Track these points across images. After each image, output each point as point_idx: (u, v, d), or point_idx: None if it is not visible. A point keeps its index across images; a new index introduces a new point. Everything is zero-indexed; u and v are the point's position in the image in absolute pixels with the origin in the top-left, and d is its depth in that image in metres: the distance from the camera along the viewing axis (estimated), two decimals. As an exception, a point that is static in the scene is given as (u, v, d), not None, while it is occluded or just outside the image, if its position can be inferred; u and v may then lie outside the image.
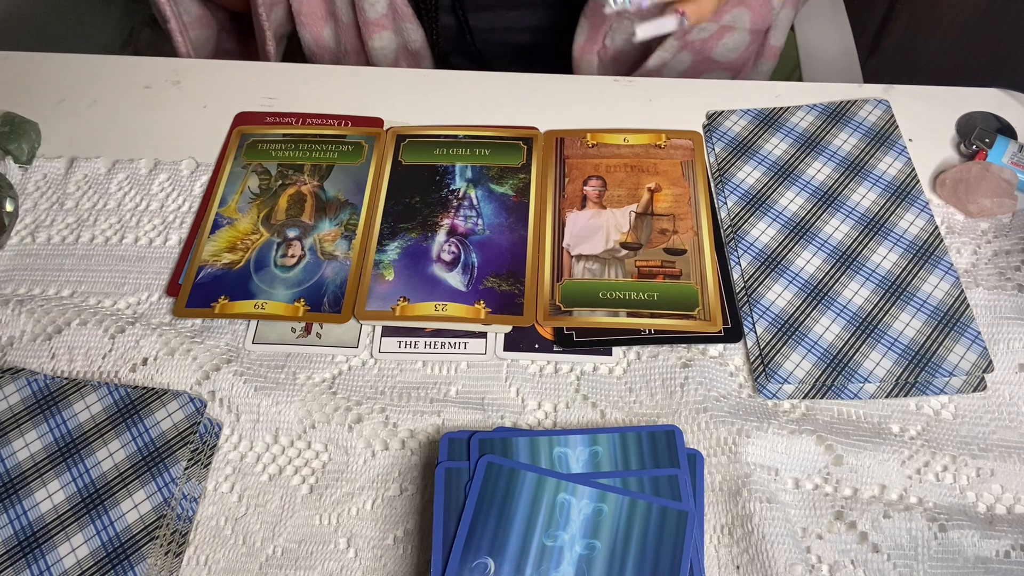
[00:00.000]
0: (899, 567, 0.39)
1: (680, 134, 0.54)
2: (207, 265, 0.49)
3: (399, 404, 0.44)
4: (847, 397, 0.44)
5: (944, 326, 0.46)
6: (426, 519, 0.41)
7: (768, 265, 0.49)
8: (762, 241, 0.50)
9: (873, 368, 0.44)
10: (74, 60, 0.61)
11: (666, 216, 0.50)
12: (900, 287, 0.47)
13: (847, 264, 0.48)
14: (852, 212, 0.51)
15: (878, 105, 0.56)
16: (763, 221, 0.50)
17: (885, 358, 0.45)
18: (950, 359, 0.44)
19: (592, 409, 0.44)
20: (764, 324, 0.46)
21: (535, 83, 0.59)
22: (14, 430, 0.41)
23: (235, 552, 0.40)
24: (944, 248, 0.49)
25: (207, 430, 0.43)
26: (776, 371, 0.44)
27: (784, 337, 0.46)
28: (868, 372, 0.44)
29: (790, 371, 0.44)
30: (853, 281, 0.48)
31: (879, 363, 0.44)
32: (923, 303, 0.47)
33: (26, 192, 0.53)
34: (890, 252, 0.49)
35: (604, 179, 0.52)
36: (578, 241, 0.49)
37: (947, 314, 0.46)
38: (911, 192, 0.51)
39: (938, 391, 0.44)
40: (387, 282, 0.47)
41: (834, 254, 0.49)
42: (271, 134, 0.55)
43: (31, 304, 0.47)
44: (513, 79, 0.59)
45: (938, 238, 0.49)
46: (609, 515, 0.37)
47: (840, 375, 0.44)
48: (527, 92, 0.58)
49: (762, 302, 0.47)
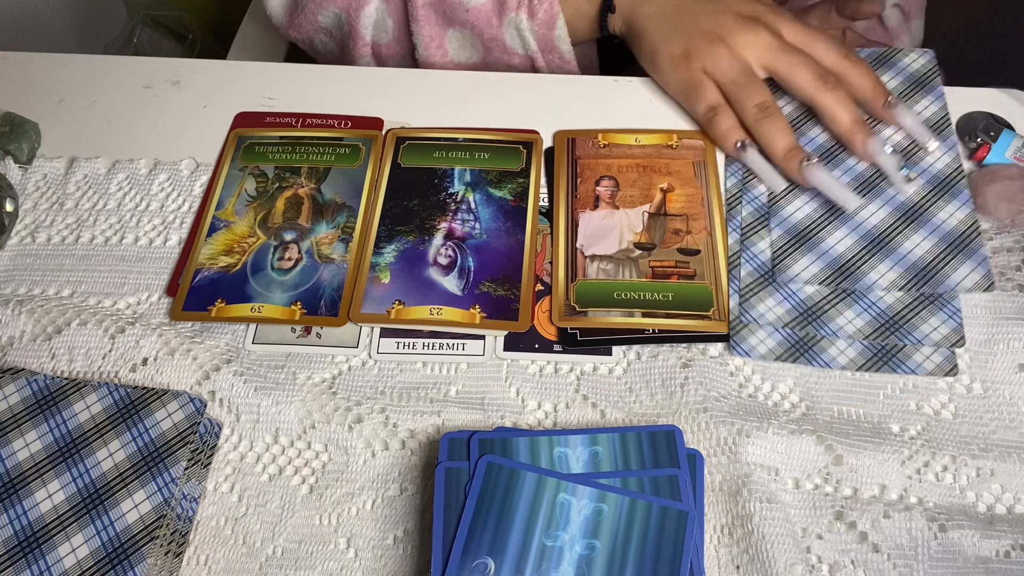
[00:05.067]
0: (899, 567, 0.39)
1: (691, 135, 0.54)
2: (204, 268, 0.49)
3: (399, 404, 0.44)
4: (819, 364, 0.44)
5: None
6: (426, 519, 0.41)
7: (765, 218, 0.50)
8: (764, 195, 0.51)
9: (845, 325, 0.45)
10: (74, 60, 0.61)
11: (679, 216, 0.50)
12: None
13: (835, 214, 0.49)
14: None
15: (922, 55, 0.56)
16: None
17: (859, 317, 0.45)
18: (923, 328, 0.45)
19: (592, 409, 0.44)
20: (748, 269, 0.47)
21: (535, 83, 0.59)
22: (14, 430, 0.41)
23: (235, 552, 0.40)
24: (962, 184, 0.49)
25: (207, 430, 0.43)
26: (749, 311, 0.45)
27: (764, 283, 0.47)
28: (838, 327, 0.45)
29: (762, 312, 0.45)
30: (839, 231, 0.48)
31: (852, 321, 0.45)
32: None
33: (26, 192, 0.53)
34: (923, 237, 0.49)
35: (616, 179, 0.52)
36: (592, 241, 0.49)
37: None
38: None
39: (909, 371, 0.44)
40: (383, 285, 0.47)
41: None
42: (268, 136, 0.55)
43: (31, 304, 0.47)
44: (513, 79, 0.59)
45: (960, 173, 0.50)
46: (609, 515, 0.37)
47: (811, 325, 0.45)
48: (527, 92, 0.58)
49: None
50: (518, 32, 0.61)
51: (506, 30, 0.61)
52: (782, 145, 0.50)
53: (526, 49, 0.62)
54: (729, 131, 0.52)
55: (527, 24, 0.60)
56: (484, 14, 0.61)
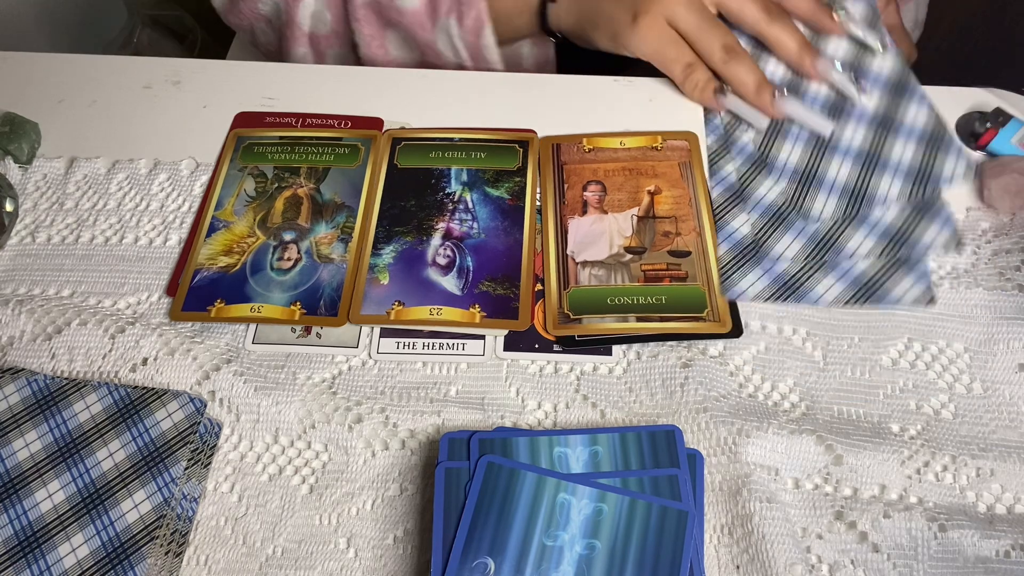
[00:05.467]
0: (899, 567, 0.39)
1: (676, 135, 0.54)
2: (203, 269, 0.49)
3: (399, 404, 0.44)
4: (808, 303, 0.46)
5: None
6: (426, 519, 0.41)
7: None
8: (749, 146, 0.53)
9: (824, 293, 0.47)
10: (74, 60, 0.61)
11: (668, 218, 0.50)
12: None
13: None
14: None
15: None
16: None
17: (837, 283, 0.47)
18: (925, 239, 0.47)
19: (592, 409, 0.44)
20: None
21: (535, 83, 0.59)
22: (14, 430, 0.41)
23: (235, 552, 0.40)
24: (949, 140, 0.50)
25: (207, 430, 0.43)
26: (727, 230, 0.48)
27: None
28: (818, 296, 0.46)
29: (743, 288, 0.47)
30: (816, 200, 0.50)
31: (830, 288, 0.47)
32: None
33: (26, 192, 0.53)
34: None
35: (603, 183, 0.52)
36: (582, 247, 0.49)
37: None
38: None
39: (892, 304, 0.46)
40: (382, 286, 0.47)
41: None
42: (267, 137, 0.55)
43: (31, 304, 0.47)
44: (514, 79, 0.59)
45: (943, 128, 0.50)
46: (609, 515, 0.37)
47: (792, 295, 0.47)
48: (528, 92, 0.58)
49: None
50: (448, 38, 0.62)
51: (438, 35, 0.62)
52: (752, 82, 0.53)
53: (456, 55, 0.63)
54: (707, 83, 0.55)
55: (456, 31, 0.61)
56: (418, 17, 0.61)
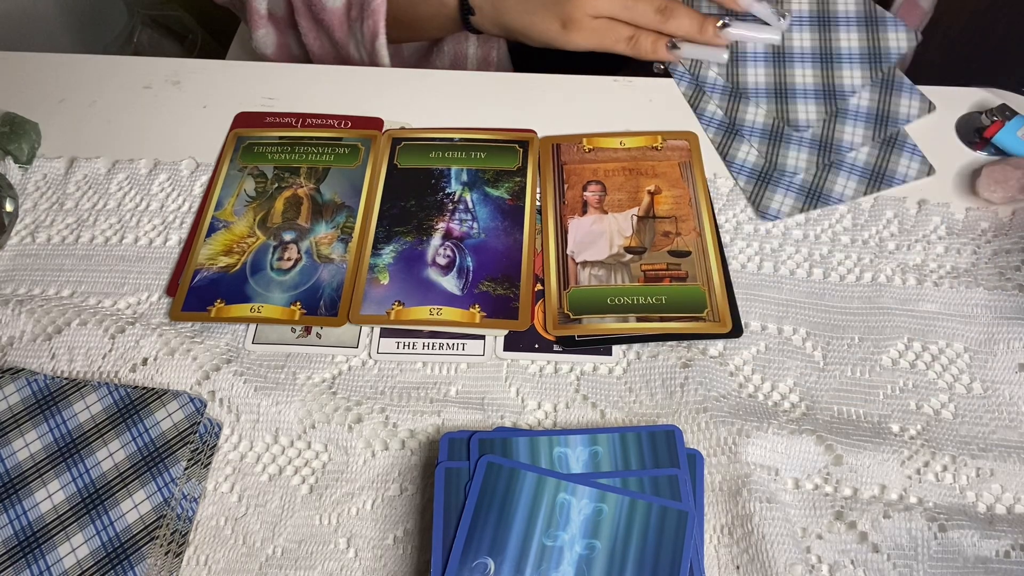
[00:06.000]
0: (899, 567, 0.39)
1: (676, 135, 0.54)
2: (203, 269, 0.49)
3: (399, 404, 0.44)
4: (833, 203, 0.51)
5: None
6: (426, 519, 0.41)
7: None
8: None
9: (843, 191, 0.52)
10: (74, 60, 0.61)
11: (668, 218, 0.50)
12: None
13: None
14: None
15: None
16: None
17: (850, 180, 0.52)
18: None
19: (592, 409, 0.44)
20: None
21: (535, 83, 0.59)
22: (14, 430, 0.41)
23: (235, 552, 0.40)
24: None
25: (207, 430, 0.43)
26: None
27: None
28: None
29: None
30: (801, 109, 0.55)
31: (846, 186, 0.52)
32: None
33: (26, 192, 0.53)
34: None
35: (603, 184, 0.52)
36: (582, 248, 0.49)
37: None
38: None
39: (900, 181, 0.52)
40: (382, 286, 0.47)
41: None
42: (267, 137, 0.55)
43: (31, 304, 0.47)
44: (514, 79, 0.59)
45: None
46: (609, 515, 0.37)
47: (818, 199, 0.51)
48: (528, 92, 0.58)
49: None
50: (355, 41, 0.63)
51: (350, 37, 0.64)
52: (694, 26, 0.55)
53: (361, 57, 0.64)
54: (655, 42, 0.56)
55: (359, 35, 0.62)
56: (337, 17, 0.63)
